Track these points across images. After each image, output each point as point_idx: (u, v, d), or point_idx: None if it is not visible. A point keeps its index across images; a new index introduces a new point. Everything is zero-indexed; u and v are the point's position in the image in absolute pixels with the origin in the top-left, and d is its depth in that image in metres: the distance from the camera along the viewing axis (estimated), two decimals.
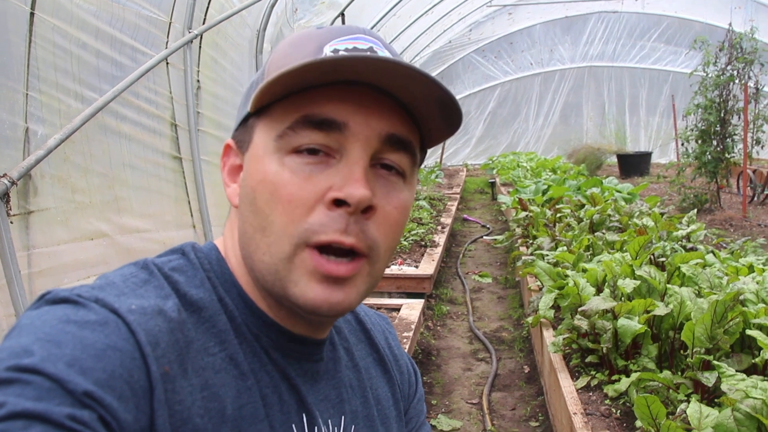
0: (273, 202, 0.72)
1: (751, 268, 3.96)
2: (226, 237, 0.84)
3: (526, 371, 4.55)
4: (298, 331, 0.82)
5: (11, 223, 2.88)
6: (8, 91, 2.87)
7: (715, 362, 2.54)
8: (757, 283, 3.39)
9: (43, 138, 3.05)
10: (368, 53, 0.73)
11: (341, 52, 0.73)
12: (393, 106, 0.75)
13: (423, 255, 6.62)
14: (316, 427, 0.81)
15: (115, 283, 0.70)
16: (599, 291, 3.76)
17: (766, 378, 2.41)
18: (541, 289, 4.49)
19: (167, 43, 4.28)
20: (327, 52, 0.74)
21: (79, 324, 0.61)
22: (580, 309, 3.43)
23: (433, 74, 18.17)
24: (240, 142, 0.80)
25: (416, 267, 6.10)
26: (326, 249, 0.72)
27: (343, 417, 0.87)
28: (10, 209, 2.92)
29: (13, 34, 2.88)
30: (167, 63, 4.33)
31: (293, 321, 0.81)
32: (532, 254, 5.42)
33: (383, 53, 0.75)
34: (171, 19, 4.30)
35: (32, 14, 2.96)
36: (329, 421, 0.84)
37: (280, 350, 0.80)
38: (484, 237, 9.12)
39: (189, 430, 0.66)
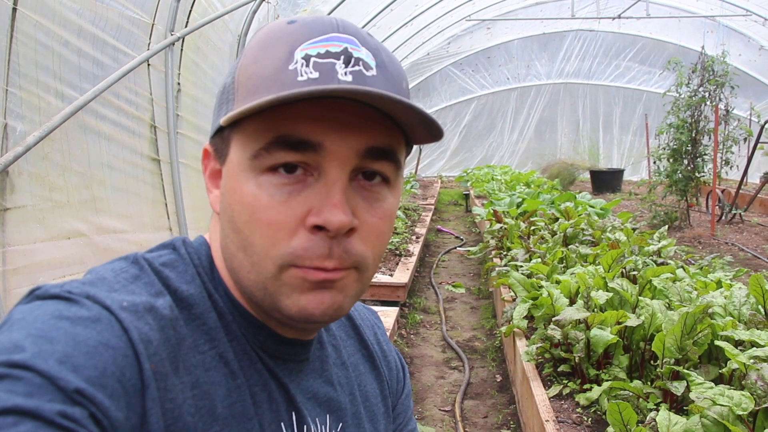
0: (252, 225, 0.71)
1: (719, 284, 4.06)
2: (212, 238, 0.83)
3: (498, 380, 4.60)
4: (290, 335, 0.81)
5: None
6: None
7: (685, 371, 2.61)
8: (725, 297, 3.48)
9: (22, 135, 3.03)
10: (342, 59, 0.70)
11: (313, 59, 0.69)
12: (372, 114, 0.72)
13: (398, 264, 6.65)
14: (305, 426, 0.81)
15: (106, 278, 0.69)
16: (572, 302, 3.82)
17: (732, 387, 2.48)
18: (514, 299, 4.54)
19: (149, 44, 4.27)
20: (297, 58, 0.70)
21: (71, 320, 0.60)
22: (554, 319, 3.48)
23: (410, 86, 18.20)
24: (218, 150, 0.77)
25: (391, 275, 6.13)
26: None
27: (329, 415, 0.87)
28: None
29: None
30: (149, 64, 4.32)
31: (283, 327, 0.81)
32: (506, 265, 5.48)
33: (359, 53, 0.71)
34: (154, 20, 4.30)
35: (14, 9, 2.94)
36: (317, 419, 0.84)
37: (267, 351, 0.79)
38: (458, 248, 9.19)
39: (180, 428, 0.65)
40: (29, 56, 3.06)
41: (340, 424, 0.88)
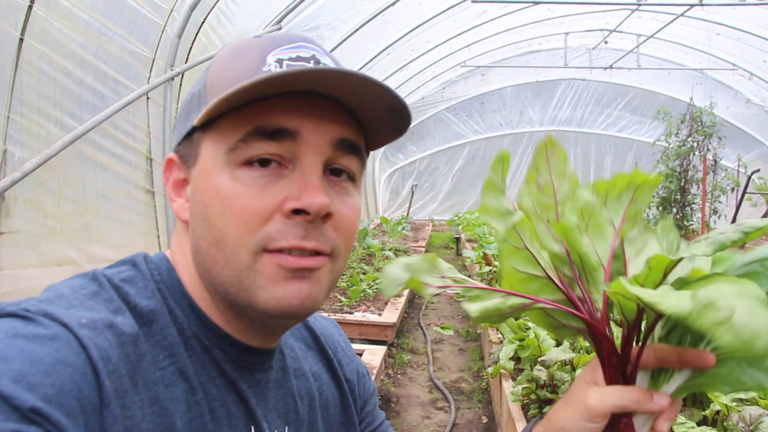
0: (226, 216, 0.71)
1: None
2: (174, 251, 0.82)
3: (484, 422, 4.58)
4: (254, 344, 0.82)
5: None
6: None
7: None
8: None
9: (21, 161, 3.08)
10: (312, 63, 0.75)
11: (285, 62, 0.73)
12: (341, 111, 0.76)
13: (387, 303, 6.65)
14: None
15: (64, 295, 0.68)
16: (559, 344, 3.85)
17: (715, 428, 2.50)
18: (501, 341, 4.55)
19: (149, 78, 4.36)
20: (270, 62, 0.73)
21: (27, 338, 0.59)
22: (540, 359, 3.51)
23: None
24: (185, 156, 0.78)
25: (380, 315, 6.13)
26: (287, 251, 0.73)
27: (287, 427, 0.87)
28: None
29: (0, 57, 2.94)
30: (148, 98, 4.40)
31: (250, 333, 0.81)
32: None
33: (325, 60, 0.76)
34: (155, 55, 4.39)
35: (21, 40, 3.02)
36: (275, 431, 0.85)
37: (232, 362, 0.79)
38: (447, 290, 9.19)
39: None
40: (32, 85, 3.13)
41: None
